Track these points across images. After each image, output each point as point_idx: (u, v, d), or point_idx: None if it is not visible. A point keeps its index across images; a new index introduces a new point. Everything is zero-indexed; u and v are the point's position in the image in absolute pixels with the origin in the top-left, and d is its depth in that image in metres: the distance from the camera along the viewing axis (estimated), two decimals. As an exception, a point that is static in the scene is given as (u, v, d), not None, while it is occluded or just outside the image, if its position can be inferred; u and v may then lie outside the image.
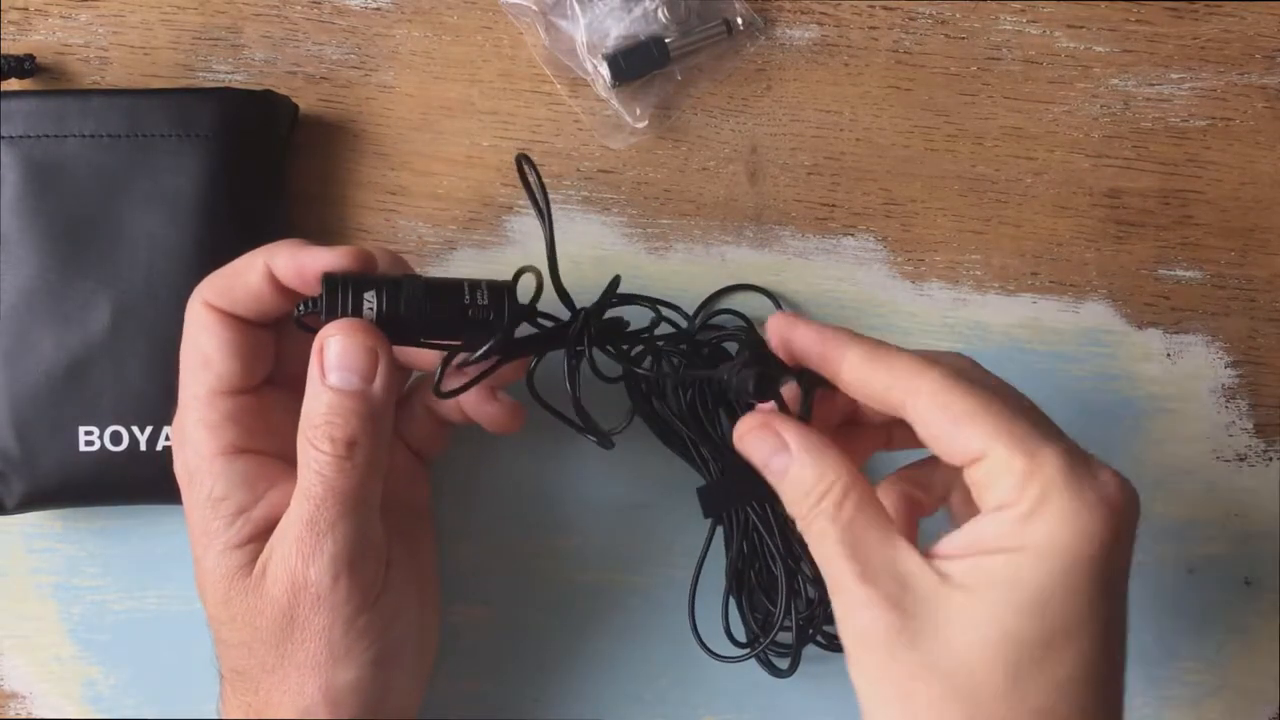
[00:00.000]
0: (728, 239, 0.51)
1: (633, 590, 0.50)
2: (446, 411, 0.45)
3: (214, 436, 0.40)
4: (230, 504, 0.40)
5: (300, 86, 0.50)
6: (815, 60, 0.51)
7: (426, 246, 0.51)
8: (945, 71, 0.52)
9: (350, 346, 0.38)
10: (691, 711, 0.50)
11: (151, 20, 0.50)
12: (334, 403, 0.38)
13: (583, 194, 0.51)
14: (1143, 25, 0.52)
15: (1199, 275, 0.52)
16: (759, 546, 0.47)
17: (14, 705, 0.49)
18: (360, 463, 0.38)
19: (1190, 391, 0.52)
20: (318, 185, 0.50)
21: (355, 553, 0.39)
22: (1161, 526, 0.51)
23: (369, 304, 0.39)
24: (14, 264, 0.46)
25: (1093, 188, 0.52)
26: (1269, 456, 0.52)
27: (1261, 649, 0.51)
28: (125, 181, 0.46)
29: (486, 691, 0.50)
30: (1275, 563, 0.51)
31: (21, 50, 0.49)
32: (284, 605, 0.39)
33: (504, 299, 0.40)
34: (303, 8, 0.50)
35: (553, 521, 0.50)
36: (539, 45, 0.50)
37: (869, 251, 0.51)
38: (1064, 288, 0.52)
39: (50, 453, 0.46)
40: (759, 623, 0.48)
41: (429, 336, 0.40)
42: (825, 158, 0.51)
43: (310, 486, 0.38)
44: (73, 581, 0.49)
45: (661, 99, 0.51)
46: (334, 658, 0.39)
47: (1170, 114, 0.52)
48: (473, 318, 0.40)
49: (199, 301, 0.41)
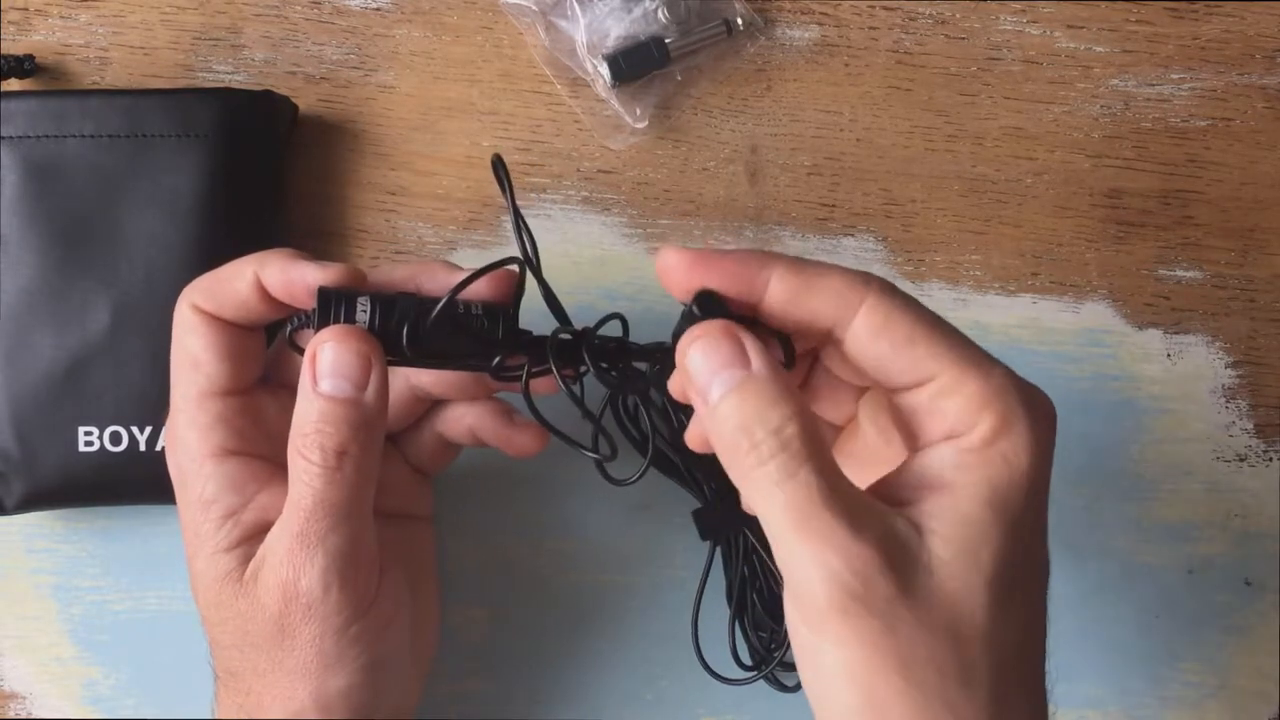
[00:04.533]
0: (728, 239, 0.51)
1: (633, 591, 0.50)
2: (457, 435, 0.45)
3: (204, 439, 0.40)
4: (220, 507, 0.40)
5: (300, 86, 0.50)
6: (815, 60, 0.51)
7: (426, 247, 0.50)
8: (945, 72, 0.52)
9: (343, 353, 0.37)
10: (691, 712, 0.50)
11: (151, 20, 0.50)
12: (325, 410, 0.37)
13: (583, 194, 0.51)
14: (1143, 25, 0.52)
15: (1199, 275, 0.52)
16: (758, 567, 0.47)
17: (14, 706, 0.49)
18: (350, 473, 0.38)
19: (1190, 392, 0.52)
20: (317, 185, 0.50)
21: (347, 563, 0.38)
22: (1162, 527, 0.51)
23: (363, 310, 0.38)
24: (14, 264, 0.46)
25: (1093, 188, 0.52)
26: (1269, 457, 0.52)
27: (1261, 649, 0.51)
28: (125, 182, 0.46)
29: (486, 691, 0.50)
30: (1275, 563, 0.51)
31: (21, 50, 0.49)
32: (275, 613, 0.38)
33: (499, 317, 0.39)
34: (303, 8, 0.50)
35: (553, 523, 0.50)
36: (539, 45, 0.50)
37: (869, 252, 0.51)
38: (1064, 288, 0.51)
39: (50, 453, 0.46)
40: (764, 642, 0.48)
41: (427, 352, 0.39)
42: (825, 158, 0.51)
43: (300, 498, 0.38)
44: (73, 582, 0.49)
45: (661, 99, 0.51)
46: (325, 665, 0.39)
47: (1170, 114, 0.52)
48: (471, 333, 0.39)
49: (187, 304, 0.40)
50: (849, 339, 0.35)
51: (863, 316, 0.34)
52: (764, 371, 0.33)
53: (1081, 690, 0.51)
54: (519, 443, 0.44)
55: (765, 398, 0.33)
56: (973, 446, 0.33)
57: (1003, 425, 0.33)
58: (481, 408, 0.44)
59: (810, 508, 0.32)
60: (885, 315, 0.34)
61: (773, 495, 0.32)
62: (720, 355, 0.33)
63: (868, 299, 0.34)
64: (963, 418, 0.33)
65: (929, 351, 0.34)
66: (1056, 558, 0.49)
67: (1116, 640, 0.51)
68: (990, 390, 0.33)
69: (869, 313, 0.34)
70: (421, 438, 0.45)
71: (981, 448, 0.33)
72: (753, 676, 0.47)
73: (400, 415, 0.44)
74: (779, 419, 0.32)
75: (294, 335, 0.39)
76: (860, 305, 0.34)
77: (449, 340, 0.39)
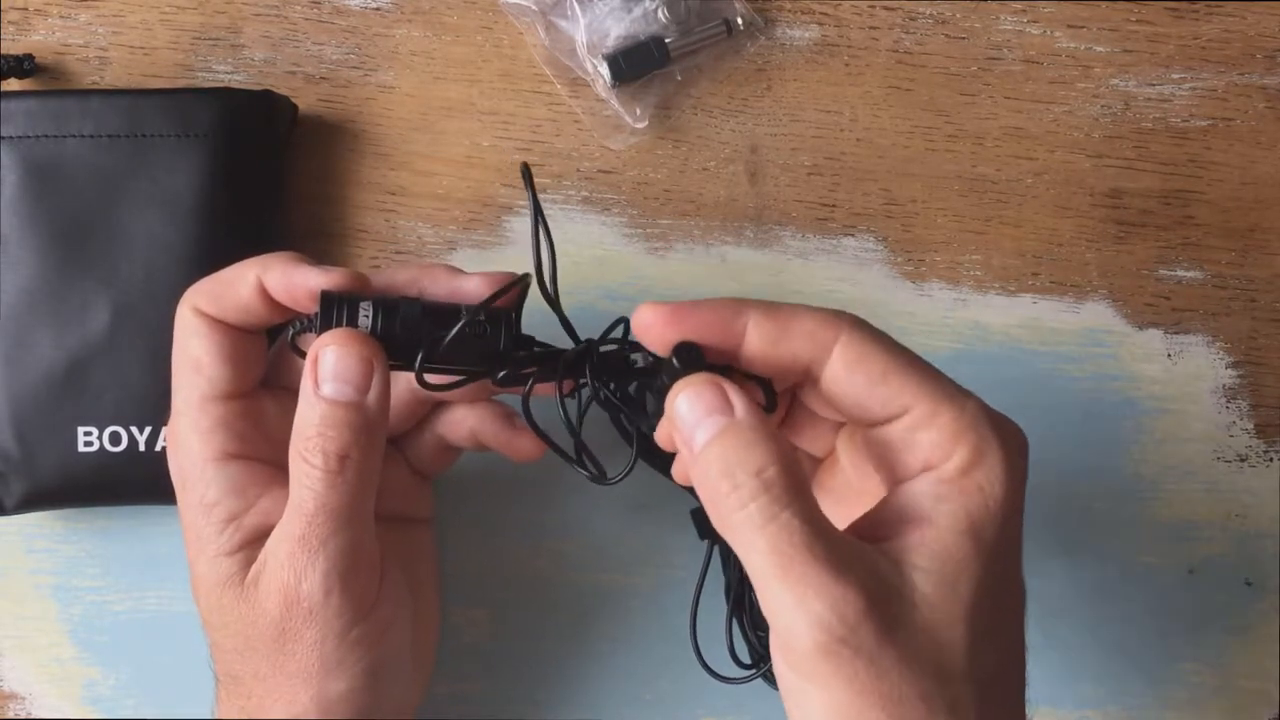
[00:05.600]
0: (728, 239, 0.51)
1: (632, 591, 0.50)
2: (458, 439, 0.45)
3: (205, 442, 0.40)
4: (221, 510, 0.40)
5: (300, 86, 0.50)
6: (815, 60, 0.51)
7: (426, 247, 0.50)
8: (945, 71, 0.51)
9: (345, 356, 0.37)
10: (690, 711, 0.50)
11: (151, 20, 0.50)
12: (327, 414, 0.37)
13: (583, 194, 0.51)
14: (1143, 25, 0.52)
15: (1200, 275, 0.52)
16: None
17: (14, 706, 0.49)
18: (352, 477, 0.38)
19: (1191, 392, 0.51)
20: (317, 185, 0.50)
21: (347, 567, 0.38)
22: (1162, 527, 0.51)
23: (365, 314, 0.38)
24: (13, 264, 0.46)
25: (1093, 188, 0.52)
26: (1270, 457, 0.52)
27: (1261, 649, 0.51)
28: (124, 182, 0.46)
29: (486, 692, 0.50)
30: (1276, 563, 0.51)
31: (21, 50, 0.49)
32: (276, 617, 0.38)
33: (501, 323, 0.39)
34: (302, 8, 0.50)
35: (553, 523, 0.50)
36: (539, 45, 0.50)
37: (869, 252, 0.51)
38: (1064, 288, 0.51)
39: (49, 453, 0.46)
40: (762, 641, 0.48)
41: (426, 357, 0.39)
42: (825, 158, 0.51)
43: (302, 502, 0.38)
44: (73, 582, 0.49)
45: (661, 99, 0.51)
46: (326, 669, 0.39)
47: (1171, 114, 0.52)
48: (472, 339, 0.39)
49: (188, 307, 0.40)
50: (825, 377, 0.35)
51: (837, 355, 0.35)
52: (746, 417, 0.34)
53: (1081, 690, 0.51)
54: (520, 447, 0.44)
55: (747, 442, 0.33)
56: (949, 477, 0.34)
57: (976, 456, 0.34)
58: (483, 411, 0.44)
59: (793, 551, 0.32)
60: (859, 352, 0.35)
61: (755, 539, 0.32)
62: (704, 403, 0.34)
63: (840, 337, 0.35)
64: (937, 450, 0.34)
65: (902, 386, 0.34)
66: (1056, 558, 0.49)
67: (1116, 640, 0.51)
68: (963, 422, 0.34)
69: (843, 350, 0.35)
70: (422, 440, 0.45)
71: (957, 478, 0.34)
72: (751, 676, 0.47)
73: (401, 418, 0.44)
74: (760, 461, 0.33)
75: (296, 339, 0.39)
76: (834, 344, 0.35)
77: (454, 354, 0.39)
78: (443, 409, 0.45)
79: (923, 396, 0.34)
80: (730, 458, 0.33)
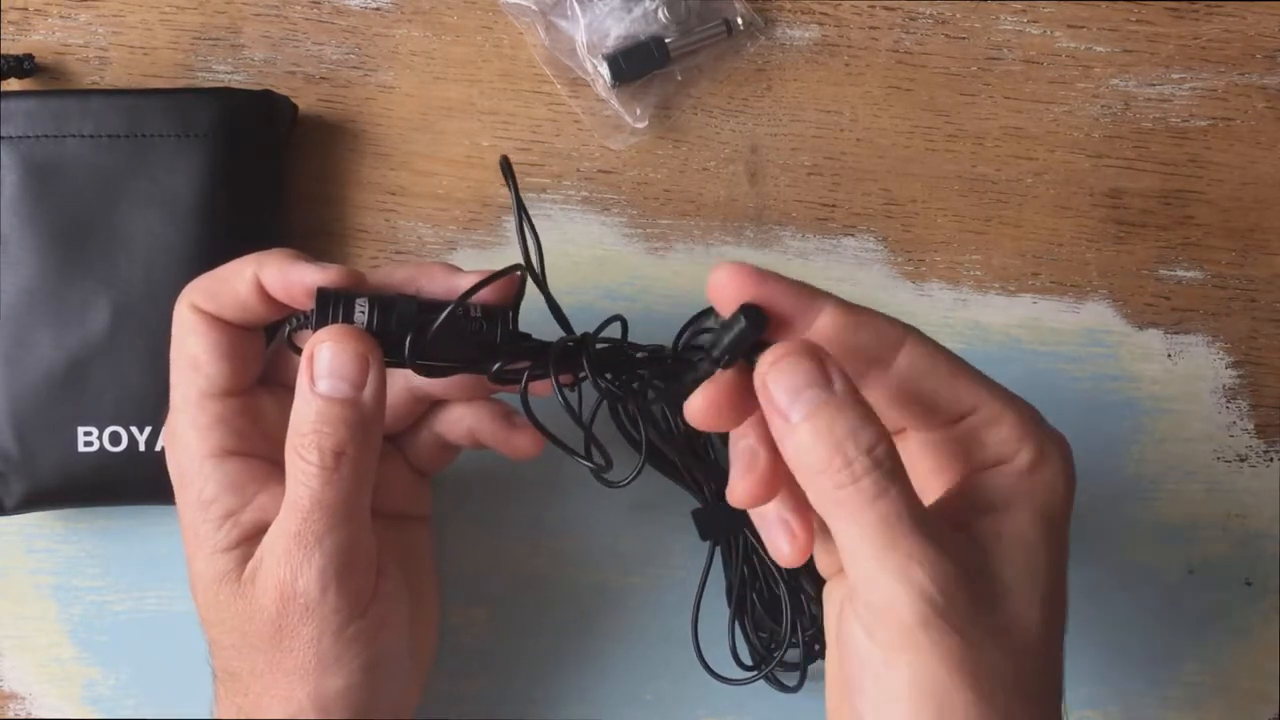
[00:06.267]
0: (728, 239, 0.51)
1: (633, 590, 0.50)
2: (456, 437, 0.45)
3: (203, 439, 0.40)
4: (219, 507, 0.40)
5: (300, 86, 0.50)
6: (815, 60, 0.51)
7: (426, 247, 0.50)
8: (945, 71, 0.51)
9: (341, 353, 0.37)
10: (691, 712, 0.50)
11: (151, 20, 0.50)
12: (323, 411, 0.37)
13: (583, 194, 0.51)
14: (1143, 25, 0.52)
15: (1200, 275, 0.52)
16: (758, 568, 0.47)
17: (13, 706, 0.49)
18: (348, 474, 0.38)
19: (1191, 392, 0.51)
20: (317, 185, 0.50)
21: (344, 564, 0.38)
22: (1162, 527, 0.51)
23: (361, 310, 0.38)
24: (13, 264, 0.46)
25: (1093, 188, 0.52)
26: (1270, 457, 0.52)
27: (1261, 650, 0.51)
28: (124, 182, 0.46)
29: (486, 691, 0.50)
30: (1276, 563, 0.51)
31: (21, 50, 0.49)
32: (273, 614, 0.38)
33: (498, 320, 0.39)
34: (302, 8, 0.50)
35: (552, 522, 0.50)
36: (539, 45, 0.50)
37: (869, 252, 0.51)
38: (1064, 288, 0.51)
39: (49, 453, 0.46)
40: (764, 643, 0.48)
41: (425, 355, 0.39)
42: (825, 158, 0.51)
43: (298, 499, 0.38)
44: (72, 582, 0.49)
45: (661, 99, 0.51)
46: (323, 665, 0.39)
47: (1171, 114, 0.52)
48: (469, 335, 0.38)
49: (186, 304, 0.40)
50: (899, 370, 0.36)
51: (909, 351, 0.36)
52: (849, 392, 0.33)
53: (1081, 690, 0.51)
54: (518, 445, 0.44)
55: (858, 417, 0.33)
56: (1022, 472, 0.35)
57: (1040, 456, 0.36)
58: (481, 409, 0.44)
59: (900, 524, 0.32)
60: (928, 351, 0.36)
61: (864, 513, 0.33)
62: (802, 374, 0.33)
63: (909, 338, 0.36)
64: (1006, 446, 0.36)
65: (969, 386, 0.36)
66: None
67: (1117, 640, 0.51)
68: (1026, 423, 0.36)
69: (912, 349, 0.36)
70: (420, 438, 0.45)
71: (1029, 474, 0.35)
72: (753, 677, 0.47)
73: (399, 416, 0.44)
74: (871, 438, 0.33)
75: (293, 336, 0.39)
76: (902, 343, 0.36)
77: (449, 345, 0.39)
78: (441, 407, 0.45)
79: (988, 396, 0.36)
80: (841, 432, 0.33)
